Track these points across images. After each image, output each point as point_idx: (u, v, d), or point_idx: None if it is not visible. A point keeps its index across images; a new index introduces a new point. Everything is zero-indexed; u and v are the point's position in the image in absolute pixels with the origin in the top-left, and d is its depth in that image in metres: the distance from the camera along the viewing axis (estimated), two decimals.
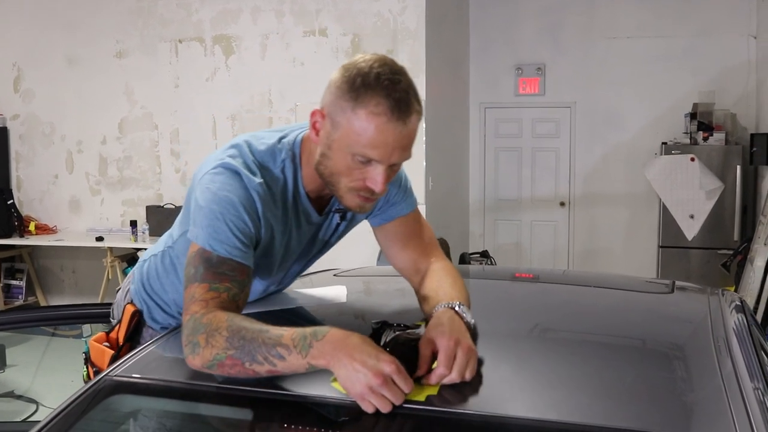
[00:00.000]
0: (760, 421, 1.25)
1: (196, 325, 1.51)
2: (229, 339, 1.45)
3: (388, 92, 1.56)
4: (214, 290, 1.57)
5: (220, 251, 1.60)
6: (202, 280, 1.59)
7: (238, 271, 1.61)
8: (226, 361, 1.45)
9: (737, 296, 2.22)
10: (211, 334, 1.48)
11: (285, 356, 1.40)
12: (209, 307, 1.54)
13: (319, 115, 1.66)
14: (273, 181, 1.74)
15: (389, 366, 1.33)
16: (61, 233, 7.64)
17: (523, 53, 8.39)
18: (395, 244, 1.96)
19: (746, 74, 7.69)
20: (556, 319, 1.93)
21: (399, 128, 1.58)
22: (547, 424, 1.28)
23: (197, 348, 1.49)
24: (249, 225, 1.64)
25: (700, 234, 7.12)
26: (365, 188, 1.64)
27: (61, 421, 1.47)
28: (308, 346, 1.39)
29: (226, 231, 1.61)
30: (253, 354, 1.42)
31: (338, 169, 1.64)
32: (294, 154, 1.77)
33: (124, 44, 7.45)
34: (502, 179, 8.69)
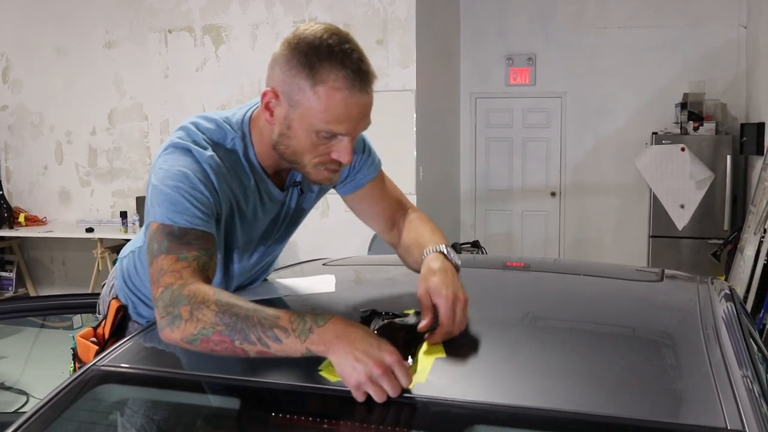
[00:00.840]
0: (748, 409, 1.25)
1: (176, 297, 1.45)
2: (219, 314, 1.39)
3: (344, 63, 1.54)
4: (182, 260, 1.51)
5: (180, 222, 1.55)
6: (168, 251, 1.52)
7: (203, 240, 1.56)
8: (213, 336, 1.39)
9: (726, 285, 2.22)
10: (196, 307, 1.41)
11: (282, 339, 1.35)
12: (184, 277, 1.48)
13: (272, 95, 1.62)
14: (226, 157, 1.70)
15: (391, 356, 1.32)
16: (51, 225, 7.62)
17: (513, 43, 8.39)
18: (369, 207, 1.97)
19: (736, 64, 7.70)
20: (546, 308, 1.92)
21: (362, 99, 1.57)
22: (536, 411, 1.28)
23: (178, 320, 1.43)
24: (206, 195, 1.60)
25: (691, 223, 7.14)
26: (331, 161, 1.64)
27: (48, 411, 1.47)
28: (308, 331, 1.34)
29: (184, 202, 1.57)
30: (246, 333, 1.37)
31: (301, 147, 1.62)
32: (243, 132, 1.74)
33: (113, 34, 7.42)
34: (493, 169, 8.69)
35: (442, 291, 1.54)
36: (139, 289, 2.04)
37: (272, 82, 1.62)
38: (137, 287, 2.04)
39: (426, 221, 1.92)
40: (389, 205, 1.99)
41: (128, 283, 2.06)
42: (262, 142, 1.73)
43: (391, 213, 1.98)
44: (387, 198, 1.99)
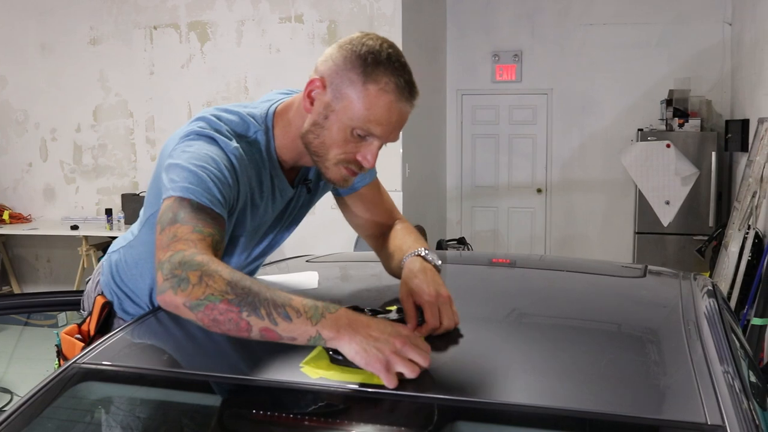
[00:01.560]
0: (728, 404, 1.25)
1: (187, 261, 1.40)
2: (231, 284, 1.35)
3: (399, 73, 1.60)
4: (198, 232, 1.48)
5: (201, 200, 1.53)
6: (184, 221, 1.49)
7: (218, 222, 1.54)
8: (220, 305, 1.34)
9: (709, 281, 2.23)
10: (207, 274, 1.37)
11: (292, 318, 1.32)
12: (199, 247, 1.44)
13: (319, 84, 1.65)
14: (248, 149, 1.72)
15: (406, 329, 1.35)
16: (36, 222, 7.58)
17: (500, 40, 8.40)
18: (360, 211, 2.01)
19: (721, 61, 7.74)
20: (529, 304, 1.93)
21: (405, 108, 1.63)
22: (518, 408, 1.28)
23: (185, 283, 1.37)
24: (229, 181, 1.61)
25: (676, 220, 7.17)
26: (354, 161, 1.66)
27: (29, 409, 1.46)
28: (320, 315, 1.32)
29: (208, 182, 1.56)
30: (257, 306, 1.33)
31: (332, 140, 1.64)
32: (267, 126, 1.76)
33: (98, 31, 7.38)
34: (479, 166, 8.70)
35: (424, 290, 1.58)
36: (126, 284, 2.03)
37: (322, 72, 1.65)
38: (125, 282, 2.03)
39: (411, 231, 1.95)
40: (380, 213, 2.01)
41: (116, 277, 2.05)
42: (286, 136, 1.76)
43: (380, 222, 2.01)
44: (380, 206, 2.02)
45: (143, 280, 1.99)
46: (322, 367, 1.38)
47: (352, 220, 2.04)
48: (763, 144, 5.44)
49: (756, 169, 5.50)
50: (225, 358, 1.52)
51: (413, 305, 1.56)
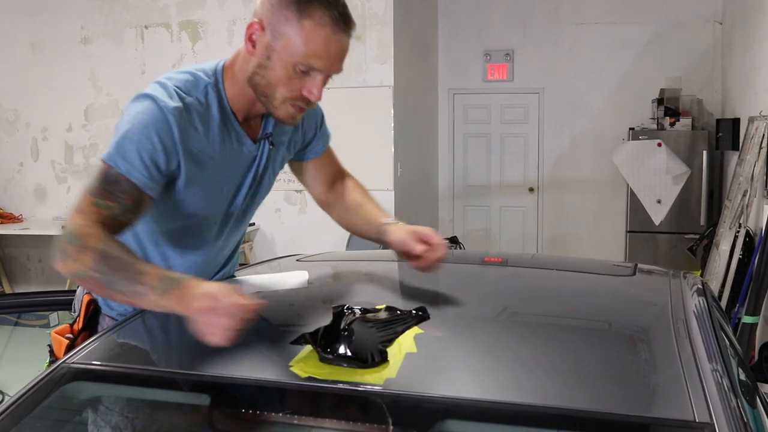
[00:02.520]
0: (717, 402, 1.26)
1: (71, 236, 1.59)
2: (96, 262, 1.55)
3: (332, 6, 1.65)
4: (96, 206, 1.64)
5: (120, 168, 1.65)
6: (91, 192, 1.66)
7: (127, 195, 1.66)
8: (89, 280, 1.58)
9: (699, 279, 2.23)
10: (81, 250, 1.56)
11: (143, 294, 1.52)
12: (88, 221, 1.61)
13: (257, 27, 1.70)
14: (197, 106, 1.76)
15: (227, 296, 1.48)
16: (27, 222, 7.55)
17: (491, 39, 8.40)
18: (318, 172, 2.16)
19: (712, 60, 7.75)
20: (520, 302, 1.93)
21: (342, 40, 1.69)
22: (506, 406, 1.29)
23: (65, 256, 1.59)
24: (158, 148, 1.68)
25: (667, 219, 7.18)
26: (301, 98, 1.72)
27: (18, 409, 1.45)
28: (166, 292, 1.51)
29: (132, 150, 1.65)
30: (115, 284, 1.54)
31: (277, 78, 1.70)
32: (216, 80, 1.81)
33: (89, 30, 7.35)
34: (471, 165, 8.70)
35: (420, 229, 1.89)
36: None
37: (259, 15, 1.71)
38: None
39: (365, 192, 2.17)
40: (334, 171, 2.18)
41: None
42: (235, 85, 1.80)
43: (333, 178, 2.17)
44: (333, 164, 2.18)
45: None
46: (311, 366, 1.39)
47: (308, 180, 2.17)
48: (753, 143, 5.45)
49: (747, 167, 5.51)
50: (214, 357, 1.51)
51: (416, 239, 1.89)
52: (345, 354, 1.40)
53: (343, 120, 6.89)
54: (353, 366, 1.37)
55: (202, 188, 1.83)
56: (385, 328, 1.52)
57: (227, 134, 1.83)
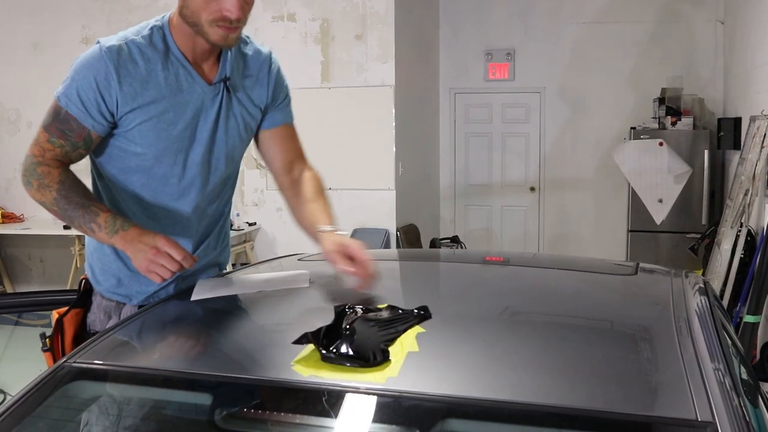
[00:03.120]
0: (719, 401, 1.25)
1: (31, 169, 1.92)
2: (57, 199, 1.89)
3: None
4: (51, 143, 1.92)
5: (64, 105, 1.90)
6: (46, 129, 1.93)
7: (76, 134, 1.91)
8: (51, 210, 1.92)
9: (701, 278, 2.23)
10: (43, 186, 1.90)
11: (95, 231, 1.88)
12: (45, 157, 1.92)
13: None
14: (140, 43, 1.92)
15: (161, 240, 1.82)
16: (29, 222, 7.55)
17: (492, 38, 8.39)
18: (277, 146, 2.21)
19: (713, 59, 7.75)
20: (521, 301, 1.93)
21: None
22: (509, 405, 1.28)
23: (30, 186, 1.93)
24: (96, 87, 1.87)
25: (669, 218, 7.17)
26: (223, 18, 1.85)
27: (19, 409, 1.45)
28: (114, 232, 1.86)
29: (74, 90, 1.89)
30: (72, 218, 1.89)
31: (196, 5, 1.85)
32: (162, 25, 1.97)
33: (91, 30, 7.35)
34: (473, 165, 8.69)
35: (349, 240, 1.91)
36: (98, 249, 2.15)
37: None
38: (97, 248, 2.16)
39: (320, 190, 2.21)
40: (293, 150, 2.24)
41: (90, 247, 2.20)
42: (178, 28, 1.95)
43: (292, 158, 2.23)
44: (293, 144, 2.25)
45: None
46: (313, 365, 1.39)
47: (268, 154, 2.23)
48: (755, 142, 5.44)
49: (748, 166, 5.50)
50: (216, 356, 1.51)
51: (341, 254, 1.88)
52: (347, 353, 1.40)
53: (344, 119, 6.90)
54: (355, 365, 1.37)
55: (149, 122, 1.94)
56: (386, 328, 1.51)
57: (174, 71, 1.95)
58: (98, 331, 2.09)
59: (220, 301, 1.88)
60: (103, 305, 2.16)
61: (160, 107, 1.93)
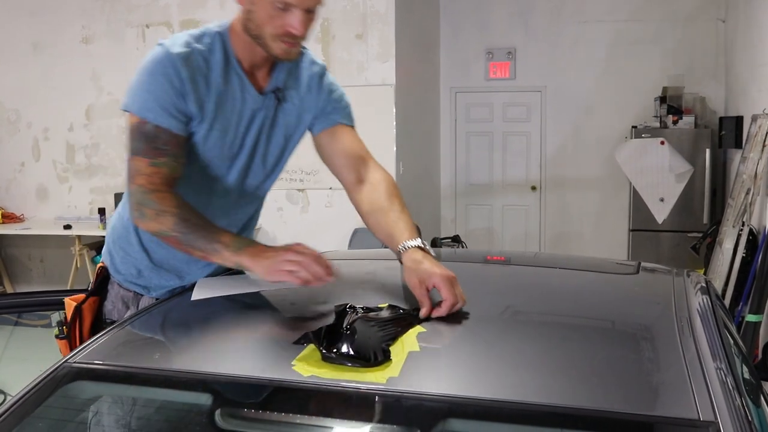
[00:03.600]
0: (721, 400, 1.25)
1: (144, 198, 1.84)
2: (177, 223, 1.81)
3: None
4: (154, 165, 1.85)
5: (149, 118, 1.84)
6: (143, 154, 1.85)
7: (171, 144, 1.87)
8: (170, 238, 1.83)
9: (702, 277, 2.22)
10: (160, 213, 1.82)
11: (219, 250, 1.80)
12: (154, 183, 1.84)
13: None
14: (203, 53, 1.92)
15: (294, 246, 1.75)
16: (29, 222, 7.55)
17: (493, 37, 8.39)
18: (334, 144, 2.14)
19: (715, 58, 7.74)
20: (522, 301, 1.92)
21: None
22: (509, 405, 1.28)
23: (145, 218, 1.85)
24: (171, 93, 1.85)
25: (670, 217, 7.16)
26: (286, 33, 1.85)
27: (19, 409, 1.45)
28: (239, 249, 1.79)
29: (152, 99, 1.84)
30: (193, 241, 1.81)
31: (261, 19, 1.85)
32: (222, 33, 1.97)
33: (90, 30, 7.35)
34: (474, 164, 8.69)
35: (436, 272, 1.70)
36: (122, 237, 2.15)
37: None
38: (121, 236, 2.15)
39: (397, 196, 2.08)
40: (354, 149, 2.14)
41: (113, 235, 2.19)
42: (238, 37, 1.95)
43: (354, 158, 2.12)
44: (354, 144, 2.15)
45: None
46: (313, 365, 1.38)
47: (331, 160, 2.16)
48: (756, 141, 5.44)
49: (750, 165, 5.50)
50: (216, 356, 1.51)
51: (425, 290, 1.69)
52: (348, 353, 1.39)
53: None
54: (356, 365, 1.37)
55: (207, 131, 1.95)
56: (387, 327, 1.51)
57: (230, 79, 1.96)
58: (115, 320, 2.12)
59: (220, 301, 1.88)
60: (121, 294, 2.18)
61: (217, 116, 1.95)
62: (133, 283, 2.16)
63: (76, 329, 2.11)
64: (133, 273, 2.14)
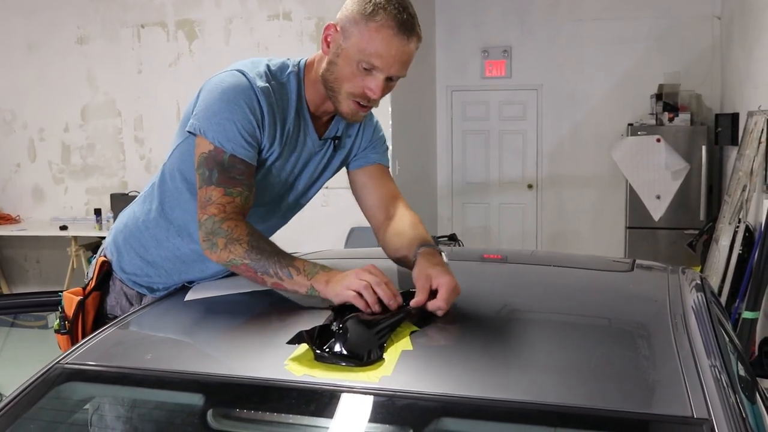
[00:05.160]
0: (715, 398, 1.25)
1: (216, 228, 1.79)
2: (248, 251, 1.76)
3: (396, 13, 1.81)
4: (228, 195, 1.82)
5: (227, 149, 1.81)
6: (218, 183, 1.82)
7: (246, 174, 1.85)
8: (241, 266, 1.78)
9: (698, 274, 2.22)
10: (231, 242, 1.77)
11: (293, 275, 1.74)
12: (227, 212, 1.80)
13: (333, 29, 1.86)
14: (280, 90, 1.92)
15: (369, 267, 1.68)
16: (25, 223, 7.53)
17: (489, 36, 8.38)
18: (370, 183, 2.15)
19: (711, 55, 7.74)
20: (520, 299, 1.92)
21: (402, 43, 1.82)
22: (503, 403, 1.28)
23: (215, 248, 1.79)
24: (253, 125, 1.84)
25: (667, 214, 7.15)
26: (363, 95, 1.85)
27: (11, 410, 1.44)
28: (314, 273, 1.73)
29: (234, 130, 1.82)
30: (267, 268, 1.75)
31: (343, 75, 1.84)
32: (299, 70, 1.97)
33: (86, 30, 7.34)
34: (470, 162, 8.68)
35: (448, 277, 1.70)
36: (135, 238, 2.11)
37: (337, 19, 1.88)
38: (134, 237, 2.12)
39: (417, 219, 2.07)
40: (388, 190, 2.16)
41: (125, 233, 2.15)
42: (311, 81, 1.95)
43: (387, 198, 2.14)
44: (388, 184, 2.17)
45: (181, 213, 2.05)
46: (306, 364, 1.38)
47: (360, 193, 2.18)
48: (752, 137, 5.44)
49: (746, 162, 5.50)
50: (209, 356, 1.50)
51: (428, 286, 1.69)
52: (340, 352, 1.39)
53: None
54: (349, 364, 1.36)
55: (266, 166, 1.96)
56: (379, 325, 1.51)
57: (297, 120, 1.96)
58: (117, 315, 2.11)
59: (213, 301, 1.88)
60: (124, 290, 2.17)
61: (279, 153, 1.96)
62: (137, 283, 2.15)
63: (78, 324, 2.09)
64: (139, 274, 2.13)
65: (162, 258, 2.07)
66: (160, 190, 2.05)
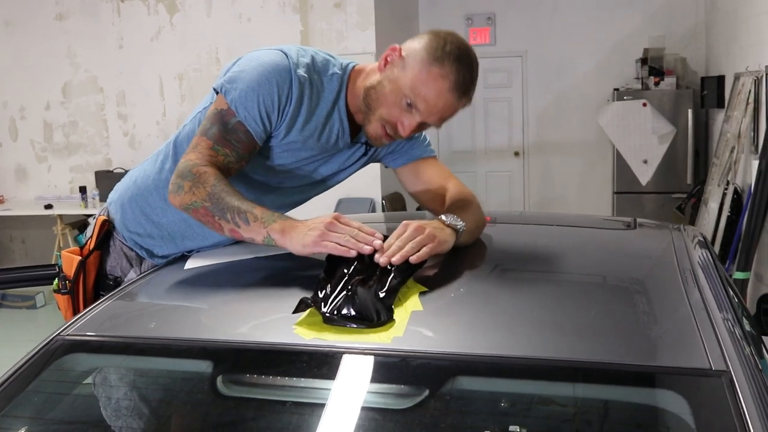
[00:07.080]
0: (731, 350, 1.24)
1: (186, 172, 1.77)
2: (210, 195, 1.72)
3: (461, 71, 1.80)
4: (214, 150, 1.81)
5: (239, 114, 1.81)
6: (210, 137, 1.81)
7: (243, 145, 1.83)
8: (200, 209, 1.74)
9: (699, 231, 2.21)
10: (196, 185, 1.74)
11: (250, 222, 1.69)
12: (204, 161, 1.78)
13: (397, 52, 1.85)
14: (319, 85, 1.90)
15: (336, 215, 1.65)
16: (9, 203, 7.47)
17: (472, 3, 8.33)
18: (418, 181, 2.17)
19: (695, 17, 7.72)
20: (529, 258, 1.90)
21: (452, 100, 1.83)
22: (517, 360, 1.26)
23: (180, 190, 1.76)
24: (275, 105, 1.82)
25: (654, 179, 7.18)
26: (394, 126, 1.85)
27: (12, 384, 1.41)
28: (271, 221, 1.67)
29: (254, 101, 1.81)
30: (224, 213, 1.71)
31: (385, 99, 1.83)
32: (345, 72, 1.95)
33: (64, 6, 7.24)
34: (455, 131, 8.64)
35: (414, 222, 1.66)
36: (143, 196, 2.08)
37: (405, 46, 1.86)
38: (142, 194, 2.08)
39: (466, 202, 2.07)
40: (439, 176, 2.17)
41: (133, 189, 2.11)
42: (354, 91, 1.93)
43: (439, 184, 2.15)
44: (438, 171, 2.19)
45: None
46: (314, 328, 1.35)
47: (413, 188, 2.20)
48: (740, 99, 5.43)
49: (734, 124, 5.50)
50: (214, 322, 1.48)
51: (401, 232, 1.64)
52: (349, 314, 1.36)
53: None
54: (359, 326, 1.34)
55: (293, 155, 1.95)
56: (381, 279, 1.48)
57: (333, 121, 1.94)
58: (118, 276, 2.13)
59: (214, 269, 1.85)
60: (124, 251, 2.14)
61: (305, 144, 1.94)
62: (138, 244, 2.11)
63: (80, 284, 2.08)
64: (142, 234, 2.09)
65: (168, 220, 2.03)
66: (175, 150, 2.02)
